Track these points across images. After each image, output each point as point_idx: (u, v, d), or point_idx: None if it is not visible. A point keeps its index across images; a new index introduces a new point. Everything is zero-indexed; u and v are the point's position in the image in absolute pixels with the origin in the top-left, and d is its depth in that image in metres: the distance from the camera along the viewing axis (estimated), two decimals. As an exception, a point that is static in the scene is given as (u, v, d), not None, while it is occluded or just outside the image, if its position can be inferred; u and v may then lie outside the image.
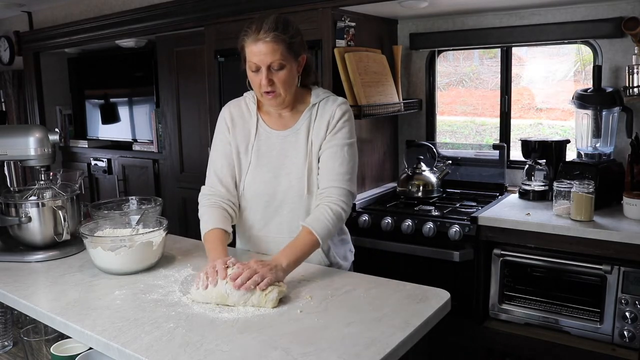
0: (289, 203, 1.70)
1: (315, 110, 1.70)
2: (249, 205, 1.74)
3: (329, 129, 1.67)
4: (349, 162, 1.66)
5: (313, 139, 1.68)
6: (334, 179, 1.64)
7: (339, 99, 1.73)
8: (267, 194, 1.71)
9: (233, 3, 2.96)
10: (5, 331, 1.71)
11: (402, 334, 1.20)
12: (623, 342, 2.08)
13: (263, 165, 1.71)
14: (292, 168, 1.69)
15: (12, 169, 1.92)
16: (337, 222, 1.62)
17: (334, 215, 1.60)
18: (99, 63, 4.39)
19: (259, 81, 1.60)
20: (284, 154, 1.70)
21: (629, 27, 2.35)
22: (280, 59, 1.57)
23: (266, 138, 1.72)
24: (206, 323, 1.27)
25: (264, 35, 1.56)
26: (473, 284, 2.41)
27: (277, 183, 1.70)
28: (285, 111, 1.72)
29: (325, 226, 1.58)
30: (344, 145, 1.67)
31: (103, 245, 1.58)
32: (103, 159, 4.21)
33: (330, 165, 1.65)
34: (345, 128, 1.68)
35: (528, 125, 3.14)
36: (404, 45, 3.08)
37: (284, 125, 1.72)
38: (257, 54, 1.57)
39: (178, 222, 3.57)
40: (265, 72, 1.58)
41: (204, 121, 3.35)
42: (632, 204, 2.18)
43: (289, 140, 1.70)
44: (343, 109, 1.69)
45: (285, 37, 1.58)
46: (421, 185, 2.79)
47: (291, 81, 1.64)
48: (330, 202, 1.61)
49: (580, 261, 2.16)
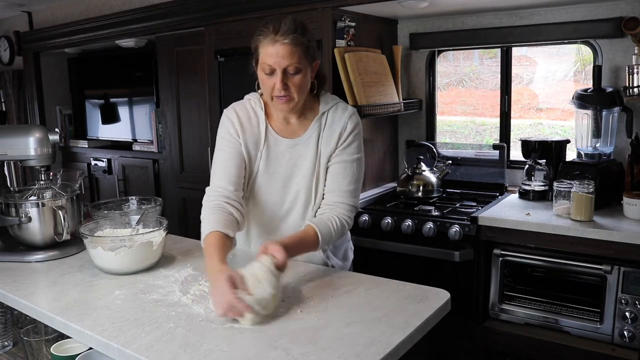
0: (295, 212, 1.69)
1: (324, 119, 1.66)
2: (254, 210, 1.72)
3: (340, 142, 1.64)
4: (357, 176, 1.66)
5: (322, 148, 1.65)
6: (342, 195, 1.63)
7: (349, 108, 1.69)
8: (275, 203, 1.69)
9: (233, 3, 2.96)
10: (5, 331, 1.71)
11: (402, 334, 1.20)
12: (623, 342, 2.08)
13: (271, 174, 1.67)
14: (300, 178, 1.66)
15: (12, 169, 1.92)
16: (340, 234, 1.62)
17: (340, 225, 1.60)
18: (99, 63, 4.39)
19: (272, 84, 1.54)
20: (293, 163, 1.67)
21: (629, 27, 2.35)
22: (297, 63, 1.52)
23: (275, 145, 1.67)
24: (206, 323, 1.27)
25: (282, 36, 1.49)
26: (473, 284, 2.41)
27: (285, 193, 1.68)
28: (293, 117, 1.67)
29: (330, 233, 1.58)
30: (354, 160, 1.65)
31: (103, 245, 1.58)
32: (103, 159, 4.21)
33: (339, 181, 1.64)
34: (356, 142, 1.66)
35: (528, 125, 3.14)
36: (404, 45, 3.08)
37: (292, 132, 1.67)
38: (274, 56, 1.51)
39: (178, 222, 3.57)
40: (281, 75, 1.52)
41: (204, 121, 3.35)
42: (632, 204, 2.18)
43: (299, 150, 1.66)
44: (354, 121, 1.66)
45: (304, 40, 1.53)
46: (421, 185, 2.79)
47: (305, 86, 1.59)
48: (338, 214, 1.61)
49: (580, 261, 2.16)
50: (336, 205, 1.63)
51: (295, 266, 1.64)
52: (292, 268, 1.61)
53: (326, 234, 1.56)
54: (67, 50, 4.39)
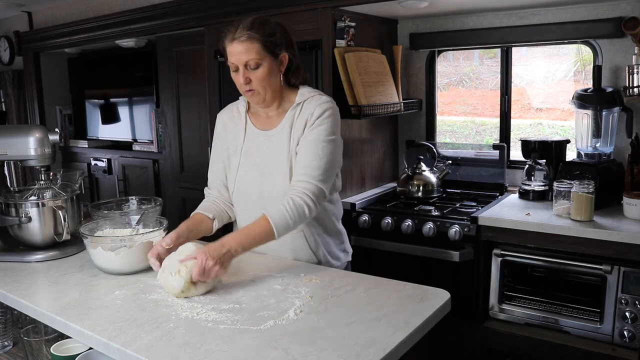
0: (274, 202, 1.66)
1: (299, 109, 1.69)
2: (238, 203, 1.78)
3: (306, 126, 1.66)
4: (323, 158, 1.62)
5: (294, 136, 1.68)
6: (303, 173, 1.61)
7: (324, 97, 1.70)
8: (254, 193, 1.73)
9: (233, 3, 2.96)
10: (5, 331, 1.71)
11: (402, 334, 1.20)
12: (623, 342, 2.08)
13: (250, 165, 1.74)
14: (276, 167, 1.70)
15: (12, 169, 1.92)
16: (298, 216, 1.56)
17: (295, 207, 1.55)
18: (99, 63, 4.39)
19: (239, 81, 1.65)
20: (269, 154, 1.72)
21: (629, 27, 2.35)
22: (257, 58, 1.61)
23: (254, 138, 1.75)
24: (206, 323, 1.27)
25: (239, 34, 1.60)
26: (473, 284, 2.41)
27: (263, 182, 1.71)
28: (272, 110, 1.74)
29: (283, 218, 1.54)
30: (321, 141, 1.63)
31: (103, 245, 1.58)
32: (103, 159, 4.21)
33: (302, 160, 1.63)
34: (324, 125, 1.65)
35: (528, 125, 3.14)
36: (404, 45, 3.08)
37: (270, 124, 1.74)
38: (234, 54, 1.62)
39: (178, 222, 3.50)
40: (242, 70, 1.63)
41: (204, 121, 3.35)
42: (632, 204, 2.18)
43: (274, 140, 1.72)
44: (324, 107, 1.66)
45: (259, 35, 1.60)
46: (421, 185, 2.79)
47: (269, 79, 1.64)
48: (295, 194, 1.58)
49: (580, 261, 2.16)
50: (297, 184, 1.61)
51: (295, 266, 1.65)
52: (291, 268, 1.62)
53: (280, 221, 1.53)
54: (67, 50, 4.39)
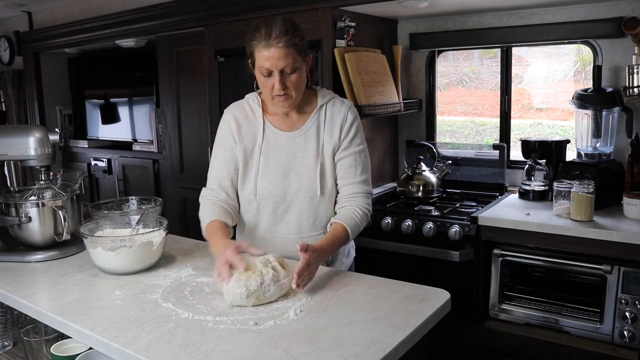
0: (298, 204, 1.71)
1: (323, 111, 1.72)
2: (258, 206, 1.74)
3: (342, 134, 1.72)
4: (366, 165, 1.76)
5: (325, 139, 1.71)
6: (357, 186, 1.72)
7: (345, 101, 1.78)
8: (277, 195, 1.71)
9: (233, 3, 2.96)
10: (5, 331, 1.71)
11: (402, 334, 1.20)
12: (623, 342, 2.08)
13: (272, 166, 1.71)
14: (301, 169, 1.70)
15: (12, 169, 1.92)
16: (365, 221, 1.72)
17: (362, 214, 1.70)
18: (99, 63, 4.39)
19: (271, 85, 1.61)
20: (292, 155, 1.71)
21: (629, 27, 2.35)
22: (293, 63, 1.59)
23: (274, 139, 1.72)
24: (206, 323, 1.27)
25: (276, 40, 1.55)
26: (473, 284, 2.41)
27: (287, 184, 1.70)
28: (292, 112, 1.73)
29: (355, 223, 1.67)
30: (361, 151, 1.74)
31: (103, 245, 1.58)
32: (103, 159, 4.21)
33: (352, 173, 1.72)
34: (359, 133, 1.75)
35: (528, 125, 3.14)
36: (404, 45, 3.08)
37: (291, 126, 1.73)
38: (270, 59, 1.57)
39: (178, 222, 3.57)
40: (279, 76, 1.59)
41: (204, 121, 3.35)
42: (632, 204, 2.18)
43: (298, 142, 1.71)
44: (354, 113, 1.75)
45: (297, 39, 1.58)
46: (421, 185, 2.79)
47: (302, 83, 1.66)
48: (358, 205, 1.70)
49: (580, 261, 2.16)
50: (355, 197, 1.72)
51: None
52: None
53: (353, 226, 1.66)
54: (67, 50, 4.39)
